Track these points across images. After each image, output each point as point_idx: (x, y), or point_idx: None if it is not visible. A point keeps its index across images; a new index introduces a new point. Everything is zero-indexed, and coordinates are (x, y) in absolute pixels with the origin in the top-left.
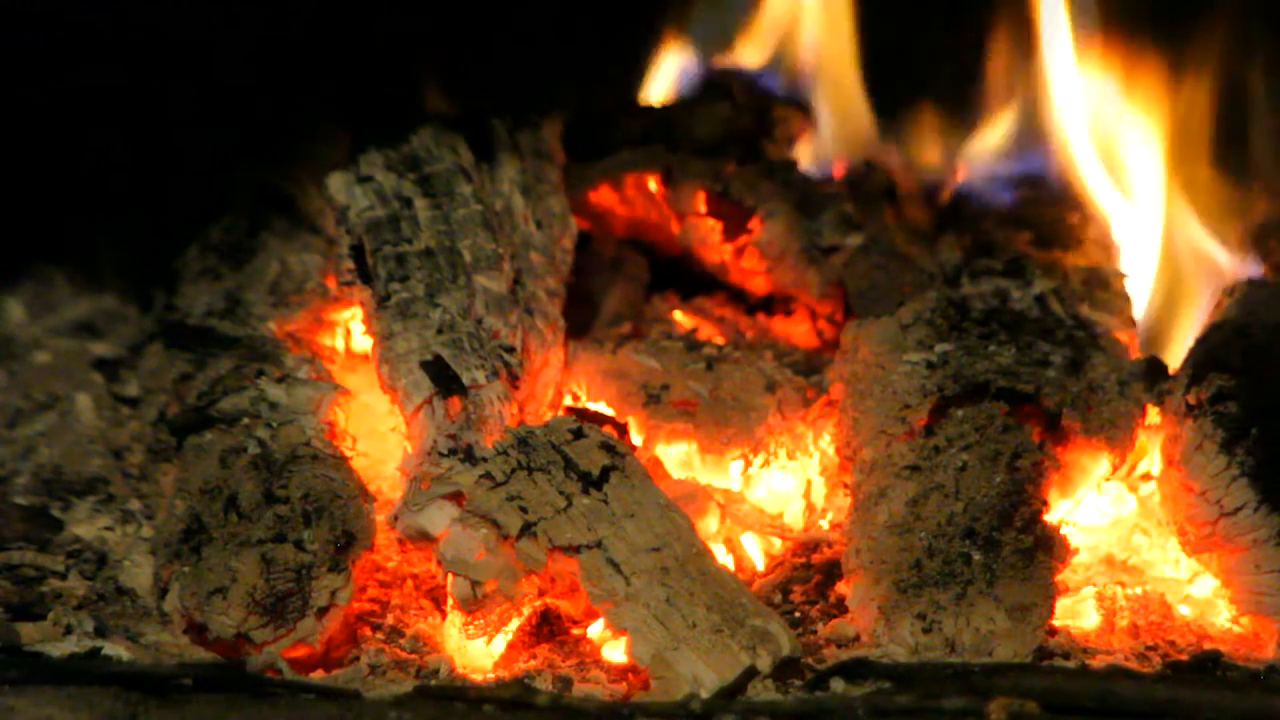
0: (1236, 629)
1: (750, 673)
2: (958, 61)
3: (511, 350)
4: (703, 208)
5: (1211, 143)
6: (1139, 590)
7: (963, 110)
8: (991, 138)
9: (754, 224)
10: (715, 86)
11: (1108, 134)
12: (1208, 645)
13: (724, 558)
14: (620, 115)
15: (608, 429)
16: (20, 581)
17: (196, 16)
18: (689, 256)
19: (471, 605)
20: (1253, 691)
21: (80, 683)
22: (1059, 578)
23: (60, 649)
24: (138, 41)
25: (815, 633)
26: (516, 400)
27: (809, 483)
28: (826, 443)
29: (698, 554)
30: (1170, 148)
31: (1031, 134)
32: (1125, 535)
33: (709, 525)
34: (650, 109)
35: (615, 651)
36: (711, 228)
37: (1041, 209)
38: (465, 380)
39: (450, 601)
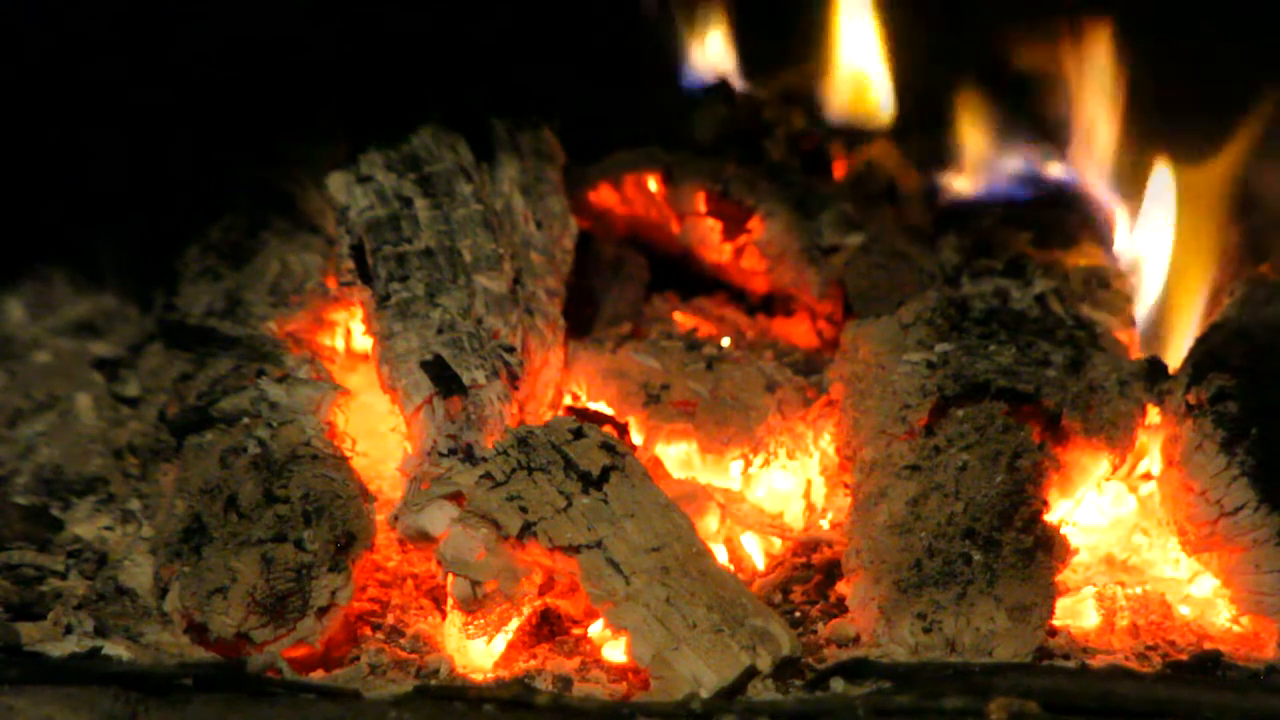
0: (1236, 629)
1: (750, 673)
2: (958, 60)
3: (511, 350)
4: (703, 208)
5: (1211, 142)
6: (1139, 590)
7: (964, 109)
8: (991, 137)
9: (754, 224)
10: (715, 87)
11: (1108, 134)
12: (1208, 645)
13: (724, 558)
14: (620, 115)
15: (608, 429)
16: (20, 581)
17: (196, 16)
18: (689, 256)
19: (471, 605)
20: (1253, 691)
21: (80, 683)
22: (1059, 578)
23: (60, 649)
24: (138, 41)
25: (815, 633)
26: (516, 400)
27: (809, 483)
28: (826, 443)
29: (698, 554)
30: (1170, 147)
31: (1032, 133)
32: (1125, 535)
33: (709, 525)
34: (650, 109)
35: (615, 651)
36: (711, 228)
37: (1041, 209)
38: (465, 380)
39: (450, 601)
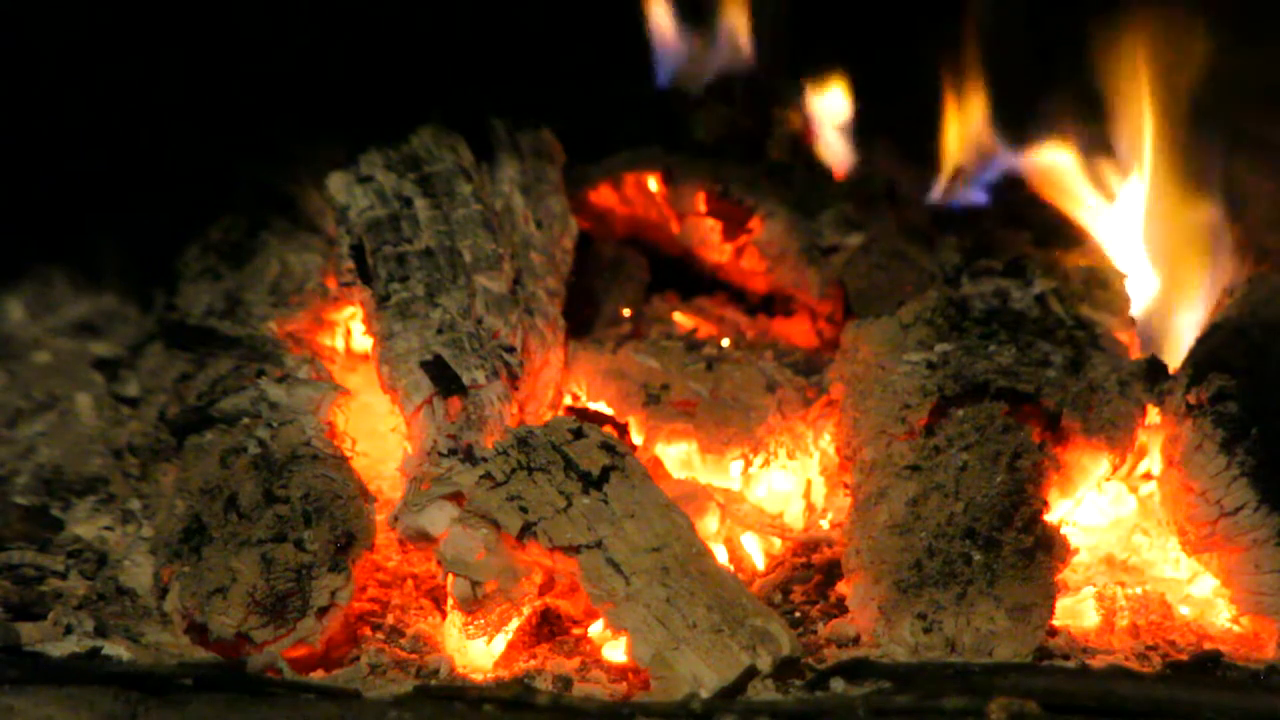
0: (1236, 629)
1: (750, 673)
2: (957, 61)
3: (511, 350)
4: (703, 208)
5: (1210, 140)
6: (1139, 590)
7: (963, 110)
8: (991, 137)
9: (754, 224)
10: (715, 87)
11: (1105, 132)
12: (1208, 645)
13: (724, 558)
14: (620, 115)
15: (608, 429)
16: (20, 581)
17: (196, 17)
18: (689, 256)
19: (471, 605)
20: (1253, 691)
21: (80, 683)
22: (1059, 578)
23: (60, 649)
24: (138, 41)
25: (815, 633)
26: (516, 400)
27: (809, 483)
28: (826, 443)
29: (698, 554)
30: (1168, 146)
31: (1030, 133)
32: (1125, 535)
33: (709, 525)
34: (650, 109)
35: (615, 651)
36: (711, 228)
37: (1041, 209)
38: (465, 380)
39: (450, 601)
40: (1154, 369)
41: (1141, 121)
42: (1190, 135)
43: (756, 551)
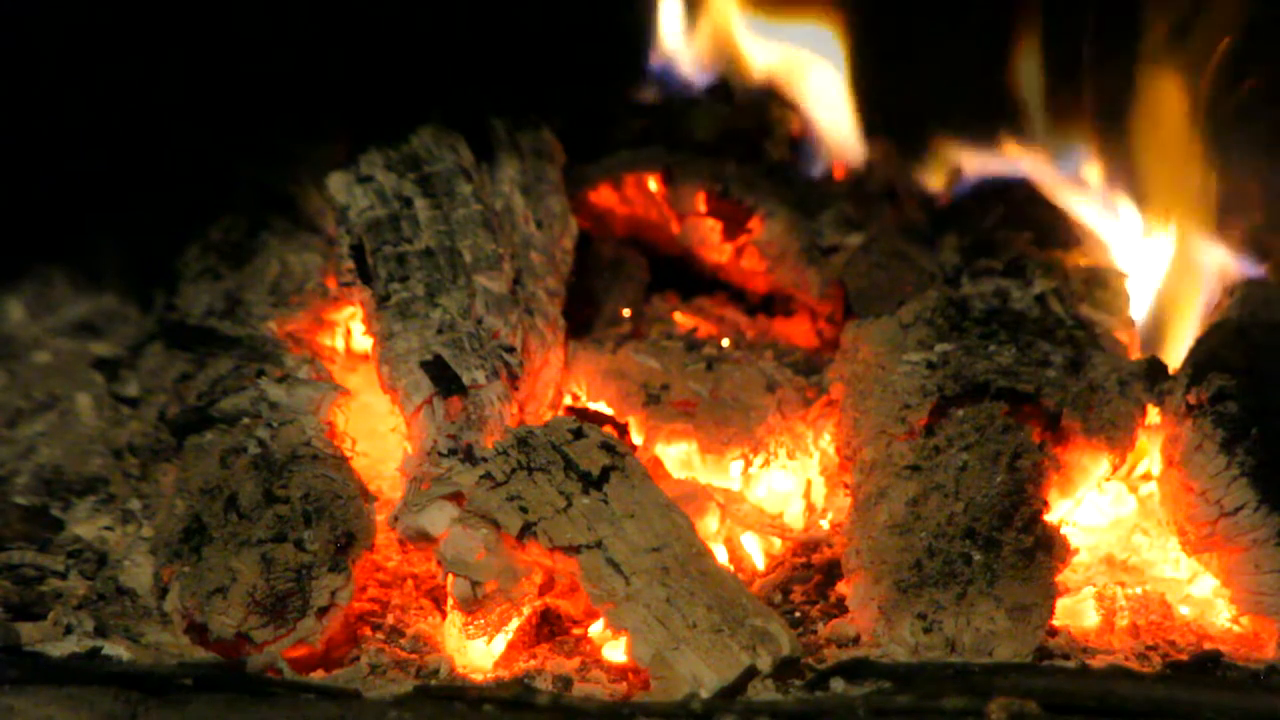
0: (1236, 629)
1: (750, 673)
2: (956, 62)
3: (511, 350)
4: (703, 208)
5: (1210, 141)
6: (1139, 590)
7: (963, 112)
8: (990, 139)
9: (754, 224)
10: (715, 87)
11: (1103, 133)
12: (1208, 645)
13: (724, 558)
14: (620, 115)
15: (608, 429)
16: (20, 581)
17: (196, 17)
18: (689, 256)
19: (471, 605)
20: (1253, 691)
21: (80, 683)
22: (1059, 578)
23: (60, 649)
24: (139, 41)
25: (815, 633)
26: (516, 400)
27: (809, 483)
28: (826, 443)
29: (698, 554)
30: (1169, 146)
31: (1031, 135)
32: (1125, 535)
33: (709, 525)
34: (650, 109)
35: (615, 651)
36: (711, 228)
37: (1041, 209)
38: (465, 380)
39: (450, 601)
40: (1154, 369)
41: (1145, 123)
42: (1194, 136)
43: (756, 551)
